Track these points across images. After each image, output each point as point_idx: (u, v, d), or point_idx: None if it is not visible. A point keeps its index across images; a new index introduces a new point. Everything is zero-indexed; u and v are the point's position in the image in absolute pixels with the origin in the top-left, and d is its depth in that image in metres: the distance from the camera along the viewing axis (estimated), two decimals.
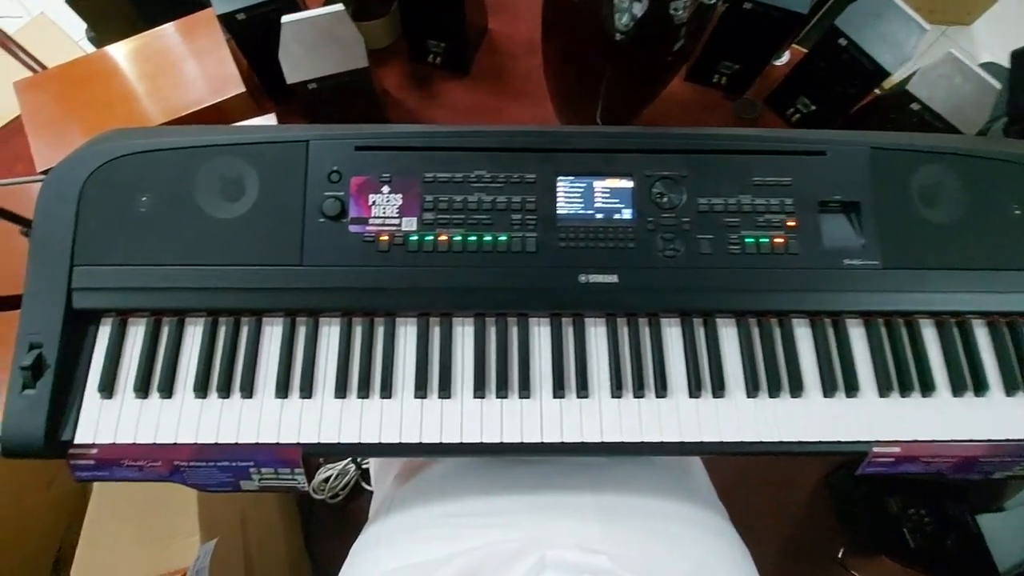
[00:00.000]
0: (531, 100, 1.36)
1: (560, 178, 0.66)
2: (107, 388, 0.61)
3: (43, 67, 1.50)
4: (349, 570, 0.65)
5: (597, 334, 0.65)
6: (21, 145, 1.29)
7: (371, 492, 1.23)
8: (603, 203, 0.66)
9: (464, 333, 0.65)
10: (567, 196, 0.66)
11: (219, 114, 1.18)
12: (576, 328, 0.65)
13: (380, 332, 0.65)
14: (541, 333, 0.65)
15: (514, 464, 0.70)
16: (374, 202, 0.65)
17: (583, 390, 0.62)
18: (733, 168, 0.67)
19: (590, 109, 1.13)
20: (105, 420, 0.61)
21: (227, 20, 1.19)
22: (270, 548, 1.12)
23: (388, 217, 0.64)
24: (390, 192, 0.65)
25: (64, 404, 0.61)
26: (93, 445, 0.61)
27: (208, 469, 0.63)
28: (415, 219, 0.64)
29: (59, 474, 1.08)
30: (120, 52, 1.24)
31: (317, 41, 1.14)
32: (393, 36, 1.46)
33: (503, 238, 0.64)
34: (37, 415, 0.59)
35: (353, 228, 0.64)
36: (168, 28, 1.27)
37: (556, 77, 1.22)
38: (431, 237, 0.64)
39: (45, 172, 1.35)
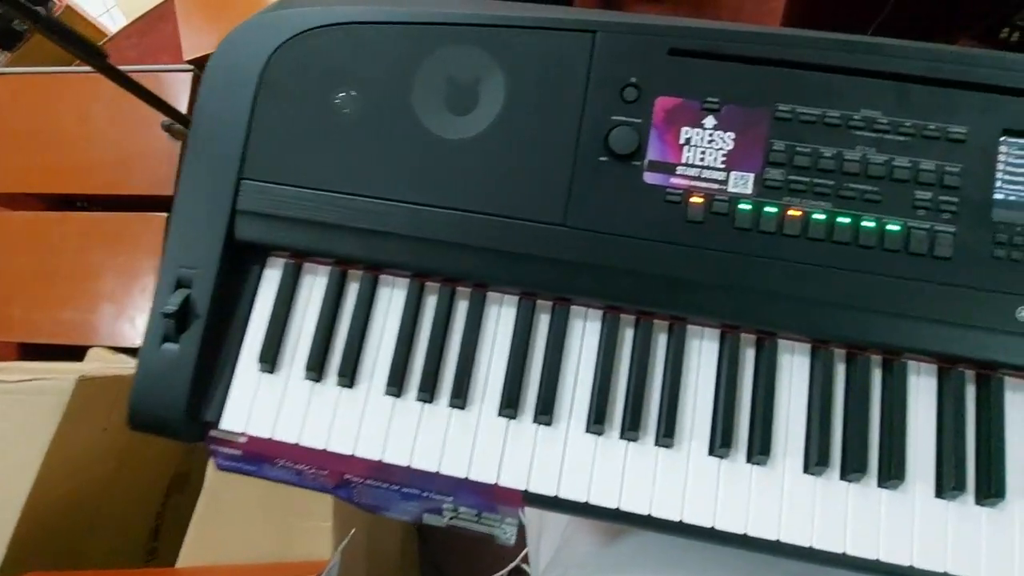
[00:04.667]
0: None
1: (1008, 139, 0.39)
2: (270, 359, 0.43)
3: None
4: None
5: (1019, 414, 0.39)
6: (168, 33, 1.15)
7: None
8: None
9: (794, 370, 0.41)
10: (1014, 172, 0.39)
11: None
12: (985, 396, 0.40)
13: (661, 344, 0.42)
14: (921, 392, 0.40)
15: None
16: (689, 140, 0.41)
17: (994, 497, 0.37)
18: None
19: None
20: (263, 403, 0.43)
21: None
22: (389, 553, 0.97)
23: (708, 167, 0.41)
24: (716, 128, 0.41)
25: (212, 371, 0.44)
26: (243, 434, 0.43)
27: (387, 492, 0.44)
28: (752, 176, 0.40)
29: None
30: None
31: None
32: None
33: (895, 227, 0.39)
34: (178, 381, 0.42)
35: (651, 177, 0.41)
36: None
37: None
38: (775, 210, 0.40)
39: (193, 62, 1.22)
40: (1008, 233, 0.38)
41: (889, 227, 0.39)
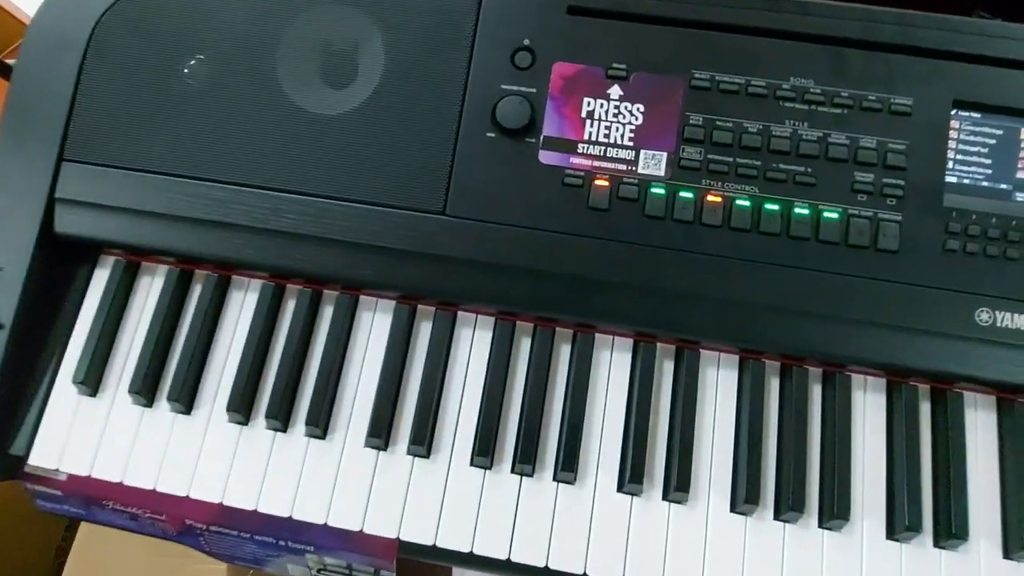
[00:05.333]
0: None
1: (960, 113, 0.34)
2: (91, 380, 0.35)
3: None
4: None
5: (982, 435, 0.33)
6: None
7: None
8: None
9: (720, 387, 0.34)
10: (968, 151, 0.34)
11: None
12: (942, 416, 0.33)
13: (564, 357, 0.35)
14: (868, 410, 0.34)
15: None
16: (592, 113, 0.34)
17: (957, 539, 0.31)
18: None
19: None
20: (81, 433, 0.35)
21: None
22: None
23: (615, 145, 0.34)
24: (624, 99, 0.34)
25: (21, 395, 0.35)
26: (59, 472, 0.35)
27: (239, 540, 0.36)
28: (665, 156, 0.34)
29: None
30: None
31: None
32: None
33: (832, 215, 0.33)
34: None
35: (547, 156, 0.34)
36: None
37: None
38: (692, 195, 0.33)
39: None
40: (962, 222, 0.33)
41: (826, 215, 0.33)
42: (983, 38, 0.33)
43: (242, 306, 0.37)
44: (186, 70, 0.37)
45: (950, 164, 0.33)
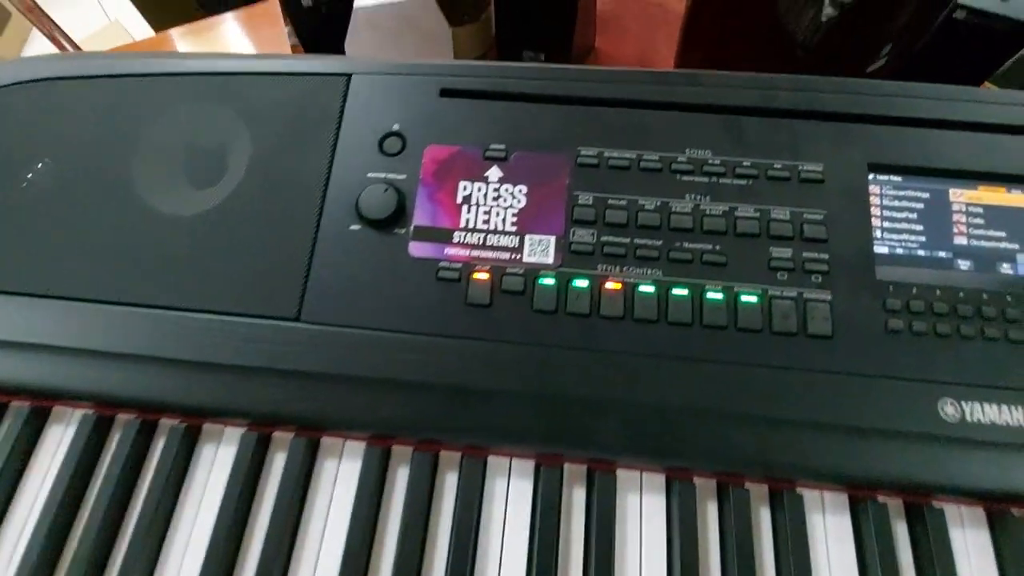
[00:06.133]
0: None
1: (878, 177, 0.30)
2: None
3: None
4: None
5: (977, 560, 0.26)
6: None
7: None
8: (978, 240, 0.29)
9: (644, 514, 0.28)
10: (895, 217, 0.30)
11: None
12: (923, 538, 0.27)
13: (449, 486, 0.28)
14: (831, 536, 0.27)
15: None
16: (469, 197, 0.30)
17: None
18: None
19: None
20: None
21: (291, 6, 0.95)
22: None
23: (496, 231, 0.30)
24: (504, 180, 0.31)
25: None
26: None
27: None
28: (553, 240, 0.30)
29: None
30: (173, 37, 1.04)
31: (395, 30, 0.88)
32: (484, 46, 1.20)
33: (751, 297, 0.28)
34: None
35: (418, 248, 0.30)
36: (228, 16, 1.06)
37: None
38: (586, 283, 0.28)
39: None
40: (902, 296, 0.28)
41: (743, 298, 0.28)
42: (888, 99, 0.31)
43: (59, 443, 0.30)
44: (30, 175, 0.33)
45: (877, 233, 0.29)
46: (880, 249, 0.29)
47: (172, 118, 0.34)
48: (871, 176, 0.30)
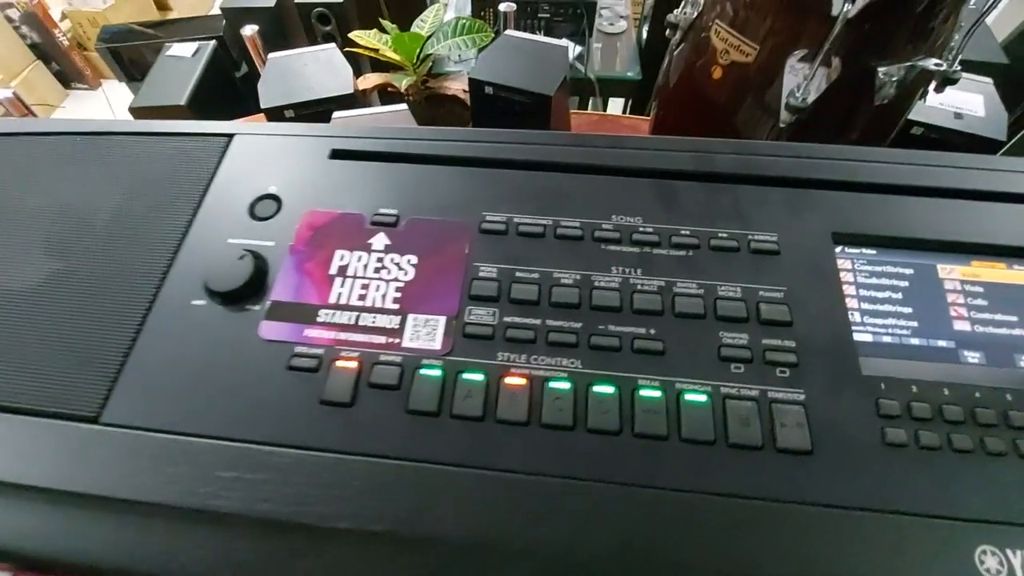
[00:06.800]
0: None
1: (846, 249, 0.25)
2: None
3: None
4: None
5: None
6: None
7: None
8: (984, 326, 0.23)
9: None
10: (876, 298, 0.24)
11: None
12: None
13: None
14: None
15: None
16: (345, 268, 0.25)
17: None
18: None
19: None
20: None
21: (274, 117, 0.98)
22: None
23: (371, 309, 0.24)
24: (391, 249, 0.25)
25: None
26: None
27: None
28: (442, 321, 0.23)
29: None
30: None
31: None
32: None
33: (699, 396, 0.21)
34: None
35: (270, 329, 0.23)
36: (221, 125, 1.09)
37: None
38: (479, 376, 0.22)
39: None
40: (899, 397, 0.21)
41: (688, 397, 0.21)
42: (847, 163, 0.26)
43: None
44: None
45: (855, 316, 0.23)
46: (862, 336, 0.23)
47: (36, 179, 0.29)
48: (838, 248, 0.24)
